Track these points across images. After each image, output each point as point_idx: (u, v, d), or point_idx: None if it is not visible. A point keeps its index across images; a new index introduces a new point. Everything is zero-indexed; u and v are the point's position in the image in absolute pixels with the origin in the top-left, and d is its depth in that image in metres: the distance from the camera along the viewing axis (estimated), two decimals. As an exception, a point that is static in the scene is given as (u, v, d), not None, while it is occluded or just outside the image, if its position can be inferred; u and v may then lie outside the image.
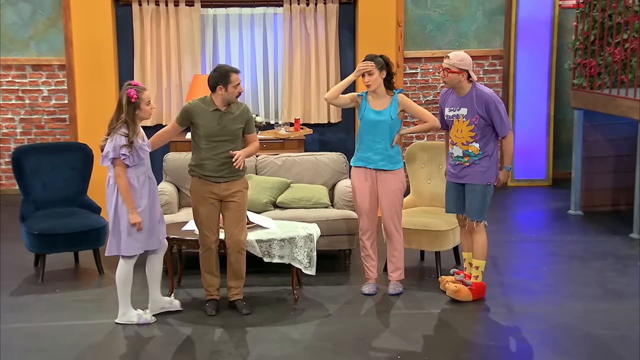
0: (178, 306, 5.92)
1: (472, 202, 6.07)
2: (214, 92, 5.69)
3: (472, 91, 5.96)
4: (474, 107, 5.93)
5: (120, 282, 5.63)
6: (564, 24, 9.62)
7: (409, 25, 9.35)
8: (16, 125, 9.25)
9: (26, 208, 6.76)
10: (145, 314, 5.73)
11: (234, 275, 5.87)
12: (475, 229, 6.09)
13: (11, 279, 6.59)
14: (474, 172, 6.03)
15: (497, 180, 6.05)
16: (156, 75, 8.83)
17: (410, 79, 9.53)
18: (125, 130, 5.48)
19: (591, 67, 8.32)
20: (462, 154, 6.03)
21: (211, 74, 5.72)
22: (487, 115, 5.91)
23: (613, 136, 8.59)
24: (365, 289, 6.27)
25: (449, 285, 6.10)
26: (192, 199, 5.85)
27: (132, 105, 5.48)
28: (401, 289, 6.27)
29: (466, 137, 5.99)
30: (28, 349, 5.32)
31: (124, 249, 5.56)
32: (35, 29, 9.09)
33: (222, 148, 5.69)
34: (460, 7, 9.48)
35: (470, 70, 5.92)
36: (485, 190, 6.03)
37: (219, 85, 5.65)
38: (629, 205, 8.30)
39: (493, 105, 5.90)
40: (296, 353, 5.23)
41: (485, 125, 5.95)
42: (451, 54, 5.97)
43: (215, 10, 8.95)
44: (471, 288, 6.07)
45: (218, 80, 5.65)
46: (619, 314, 5.86)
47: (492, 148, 6.00)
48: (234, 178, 5.78)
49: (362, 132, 6.21)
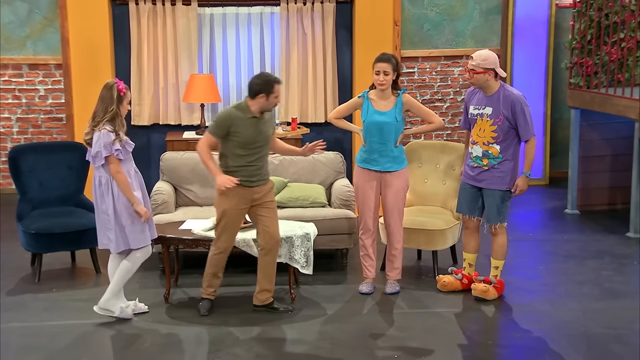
0: (144, 308, 5.89)
1: (490, 207, 6.02)
2: (253, 99, 5.62)
3: (499, 91, 5.91)
4: (499, 107, 5.86)
5: (125, 271, 5.66)
6: (561, 23, 9.63)
7: (405, 24, 9.35)
8: (13, 125, 9.24)
9: (23, 207, 6.75)
10: (128, 307, 5.75)
11: (269, 276, 5.82)
12: (497, 230, 6.07)
13: (8, 278, 6.59)
14: (492, 177, 5.96)
15: (514, 187, 5.94)
16: (153, 75, 8.82)
17: (407, 78, 9.53)
18: (111, 126, 5.51)
19: (588, 66, 8.33)
20: (481, 154, 5.96)
21: (255, 80, 5.63)
22: (512, 116, 5.84)
23: (610, 135, 8.60)
24: (363, 288, 6.27)
25: (476, 286, 6.08)
26: (222, 201, 5.69)
27: (120, 98, 5.53)
28: (398, 288, 6.27)
29: (488, 138, 5.92)
30: (25, 348, 5.32)
31: (133, 243, 5.61)
32: (31, 28, 9.07)
33: (259, 154, 5.68)
34: (457, 6, 9.48)
35: (496, 67, 5.87)
36: (504, 195, 5.97)
37: (262, 93, 5.58)
38: (625, 205, 8.32)
39: (519, 107, 5.83)
40: (294, 352, 5.23)
41: (509, 128, 5.87)
42: (475, 54, 5.93)
43: (212, 9, 8.94)
44: (496, 286, 6.09)
45: (262, 88, 5.58)
46: (615, 313, 5.87)
47: (512, 152, 5.91)
48: (265, 180, 5.79)
49: (367, 134, 6.15)
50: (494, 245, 6.11)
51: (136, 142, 8.71)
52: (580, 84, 8.41)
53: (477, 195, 6.08)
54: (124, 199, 5.54)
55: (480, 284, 6.08)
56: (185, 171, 7.12)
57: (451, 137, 9.57)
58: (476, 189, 6.07)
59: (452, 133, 9.62)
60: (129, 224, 5.57)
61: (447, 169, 6.90)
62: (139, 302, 5.92)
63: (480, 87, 5.96)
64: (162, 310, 5.93)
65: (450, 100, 9.63)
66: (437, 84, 9.61)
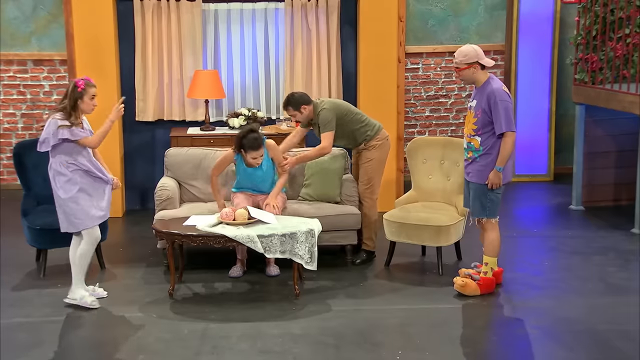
0: (102, 293, 6.08)
1: (473, 200, 6.09)
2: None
3: (485, 84, 5.98)
4: (481, 100, 5.95)
5: (79, 256, 5.88)
6: (566, 18, 9.60)
7: (410, 20, 9.33)
8: (17, 120, 9.25)
9: (27, 203, 6.76)
10: (89, 296, 5.90)
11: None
12: (484, 225, 6.08)
13: (13, 273, 6.60)
14: (473, 170, 6.05)
15: (487, 180, 5.96)
16: (157, 71, 8.81)
17: (412, 74, 9.52)
18: (61, 118, 5.75)
19: (593, 62, 8.31)
20: (466, 147, 6.08)
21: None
22: (489, 109, 5.91)
23: (615, 131, 8.58)
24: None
25: (456, 280, 6.10)
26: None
27: (77, 94, 5.76)
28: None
29: (470, 130, 6.02)
30: (30, 343, 5.33)
31: (77, 225, 5.85)
32: (36, 24, 9.08)
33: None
34: (461, 2, 9.47)
35: (479, 59, 5.92)
36: (483, 189, 6.01)
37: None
38: (630, 201, 8.30)
39: (493, 99, 5.89)
40: (298, 348, 5.23)
41: (488, 121, 5.93)
42: (456, 52, 6.01)
43: (217, 5, 8.94)
44: (479, 283, 6.07)
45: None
46: (620, 309, 5.86)
47: (491, 146, 5.95)
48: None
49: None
50: (484, 240, 6.12)
51: (140, 138, 8.83)
52: (585, 80, 8.39)
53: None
54: (62, 184, 5.81)
55: (460, 278, 6.09)
56: (189, 167, 7.12)
57: (456, 134, 9.56)
58: (468, 183, 6.17)
59: (457, 129, 9.60)
60: (69, 208, 5.81)
61: (452, 165, 6.90)
62: (98, 288, 6.10)
63: (471, 82, 6.06)
64: (166, 305, 5.94)
65: (454, 97, 9.62)
66: (442, 80, 9.59)
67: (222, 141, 8.17)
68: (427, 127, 9.66)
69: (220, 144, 8.05)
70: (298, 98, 6.80)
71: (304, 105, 6.76)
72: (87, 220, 5.86)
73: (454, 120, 9.61)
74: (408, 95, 9.50)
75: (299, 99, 6.80)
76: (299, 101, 6.77)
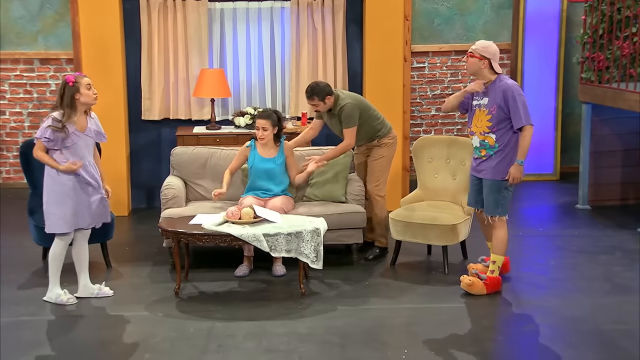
0: (109, 292, 6.07)
1: (487, 197, 6.06)
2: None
3: (495, 81, 5.99)
4: (494, 96, 5.95)
5: (51, 258, 5.88)
6: (572, 17, 9.58)
7: (416, 19, 9.33)
8: (24, 119, 9.27)
9: (34, 202, 6.77)
10: (64, 294, 5.92)
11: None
12: (494, 223, 6.08)
13: (19, 272, 6.61)
14: (488, 167, 6.02)
15: (508, 175, 5.98)
16: (163, 69, 8.83)
17: (418, 73, 9.52)
18: (58, 116, 5.70)
19: (599, 61, 8.29)
20: (479, 145, 6.04)
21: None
22: (505, 105, 5.91)
23: (621, 130, 8.56)
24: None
25: (463, 279, 6.10)
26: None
27: (71, 89, 5.70)
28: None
29: (483, 127, 6.00)
30: (35, 341, 5.34)
31: (48, 227, 5.81)
32: (43, 23, 9.10)
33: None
34: (468, 0, 9.46)
35: (493, 59, 5.96)
36: (499, 185, 6.00)
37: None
38: (637, 200, 8.29)
39: (511, 94, 5.89)
40: (303, 347, 5.24)
41: (504, 117, 5.93)
42: (479, 41, 6.09)
43: (223, 4, 8.94)
44: (485, 282, 6.07)
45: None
46: (626, 308, 5.85)
47: (507, 142, 5.95)
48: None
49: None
50: (493, 239, 6.12)
51: (146, 137, 8.84)
52: (591, 79, 8.37)
53: (480, 186, 6.14)
54: (48, 182, 5.76)
55: (467, 277, 6.08)
56: (195, 166, 7.13)
57: (462, 133, 9.55)
58: (479, 180, 6.15)
59: (462, 128, 9.60)
60: (47, 208, 5.79)
61: (458, 164, 6.89)
62: (104, 286, 6.10)
63: (474, 73, 6.06)
64: (172, 304, 5.94)
65: (460, 95, 9.61)
66: (448, 78, 9.59)
67: (228, 140, 8.19)
68: (433, 126, 9.66)
69: (226, 142, 8.06)
70: (323, 88, 6.67)
71: (328, 96, 6.68)
72: (61, 223, 5.78)
73: (459, 119, 9.59)
74: (414, 94, 9.50)
75: (325, 88, 6.67)
76: (325, 91, 6.66)
